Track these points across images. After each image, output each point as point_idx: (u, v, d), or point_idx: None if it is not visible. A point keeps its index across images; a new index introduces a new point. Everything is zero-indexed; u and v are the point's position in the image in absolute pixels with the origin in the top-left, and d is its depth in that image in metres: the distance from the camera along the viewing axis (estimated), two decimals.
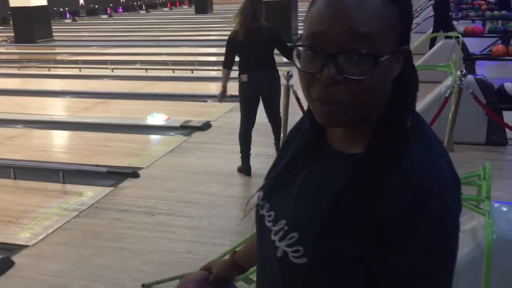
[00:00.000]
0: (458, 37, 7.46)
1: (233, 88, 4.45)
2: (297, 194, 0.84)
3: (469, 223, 2.32)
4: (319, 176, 0.83)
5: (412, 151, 0.75)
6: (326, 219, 0.77)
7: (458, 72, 3.82)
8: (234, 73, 4.28)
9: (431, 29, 9.61)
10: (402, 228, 0.72)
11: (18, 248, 3.31)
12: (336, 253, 0.76)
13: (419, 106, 5.07)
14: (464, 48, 7.69)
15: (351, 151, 0.81)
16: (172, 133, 5.81)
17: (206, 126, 5.90)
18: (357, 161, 0.78)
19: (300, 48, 0.78)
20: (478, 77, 5.09)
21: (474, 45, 9.01)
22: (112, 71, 9.95)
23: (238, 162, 4.44)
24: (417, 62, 7.52)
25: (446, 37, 8.01)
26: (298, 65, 0.78)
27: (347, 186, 0.77)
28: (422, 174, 0.73)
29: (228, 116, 6.38)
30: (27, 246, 3.33)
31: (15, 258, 3.15)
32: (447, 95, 3.90)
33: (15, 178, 4.53)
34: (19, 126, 6.31)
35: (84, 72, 10.23)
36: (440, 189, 0.73)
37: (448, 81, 4.73)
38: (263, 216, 0.89)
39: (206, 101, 7.41)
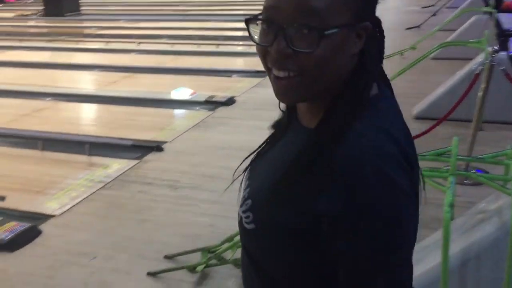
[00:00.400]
0: (492, 13, 7.20)
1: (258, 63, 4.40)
2: (262, 166, 0.91)
3: (495, 203, 2.27)
4: (281, 149, 0.89)
5: (356, 126, 0.76)
6: (274, 190, 0.80)
7: (490, 49, 3.69)
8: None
9: (464, 4, 9.29)
10: (340, 206, 0.72)
11: (45, 217, 3.40)
12: (279, 223, 0.79)
13: (449, 83, 4.96)
14: (498, 24, 7.43)
15: (311, 126, 0.83)
16: (196, 108, 5.83)
17: (230, 101, 5.89)
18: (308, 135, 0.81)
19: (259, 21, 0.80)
20: (511, 53, 4.91)
21: (509, 21, 8.69)
22: (139, 45, 9.99)
23: (262, 138, 4.42)
24: (448, 38, 7.31)
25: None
26: (255, 38, 0.80)
27: (295, 160, 0.80)
28: (358, 149, 0.73)
29: (252, 91, 6.35)
30: (54, 216, 3.41)
31: (42, 227, 3.24)
32: (477, 72, 3.78)
33: (43, 150, 4.62)
34: (47, 98, 6.41)
35: (111, 46, 10.28)
36: (376, 164, 0.72)
37: (479, 58, 4.59)
38: (242, 185, 0.95)
39: (231, 76, 7.38)
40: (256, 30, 0.81)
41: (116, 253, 2.94)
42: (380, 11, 0.83)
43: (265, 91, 6.09)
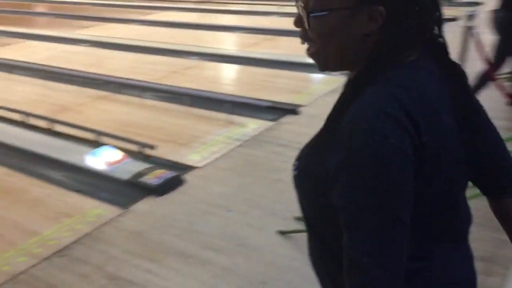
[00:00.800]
0: None
1: None
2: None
3: None
4: None
5: (367, 90, 0.83)
6: (312, 143, 0.94)
7: None
8: None
9: None
10: (338, 160, 0.81)
11: (188, 168, 3.68)
12: (311, 171, 0.90)
13: None
14: None
15: None
16: (334, 73, 5.76)
17: None
18: None
19: None
20: None
21: None
22: (281, 8, 10.07)
23: None
24: None
25: None
26: None
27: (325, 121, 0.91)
28: (359, 110, 0.81)
29: None
30: (196, 167, 3.69)
31: (185, 177, 3.53)
32: None
33: (189, 106, 4.97)
34: (194, 57, 6.82)
35: (254, 8, 10.52)
36: (371, 121, 0.79)
37: None
38: None
39: None
40: None
41: (250, 208, 3.10)
42: None
43: None
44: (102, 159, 3.73)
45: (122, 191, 3.43)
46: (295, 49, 7.56)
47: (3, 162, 3.91)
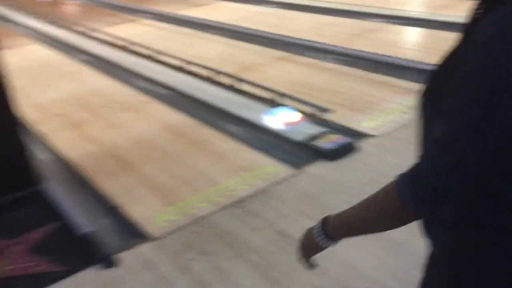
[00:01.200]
0: None
1: None
2: None
3: None
4: None
5: (503, 8, 0.80)
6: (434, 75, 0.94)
7: None
8: None
9: None
10: (460, 68, 0.82)
11: (362, 135, 3.61)
12: (437, 98, 0.88)
13: None
14: None
15: None
16: None
17: None
18: None
19: None
20: None
21: None
22: None
23: None
24: None
25: None
26: None
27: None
28: (490, 25, 0.80)
29: None
30: (371, 135, 3.60)
31: (359, 144, 3.47)
32: None
33: (369, 70, 4.83)
34: (378, 20, 6.56)
35: None
36: (492, 37, 0.78)
37: None
38: None
39: None
40: None
41: None
42: None
43: None
44: (281, 119, 3.87)
45: (296, 152, 3.52)
46: None
47: (193, 114, 4.31)
